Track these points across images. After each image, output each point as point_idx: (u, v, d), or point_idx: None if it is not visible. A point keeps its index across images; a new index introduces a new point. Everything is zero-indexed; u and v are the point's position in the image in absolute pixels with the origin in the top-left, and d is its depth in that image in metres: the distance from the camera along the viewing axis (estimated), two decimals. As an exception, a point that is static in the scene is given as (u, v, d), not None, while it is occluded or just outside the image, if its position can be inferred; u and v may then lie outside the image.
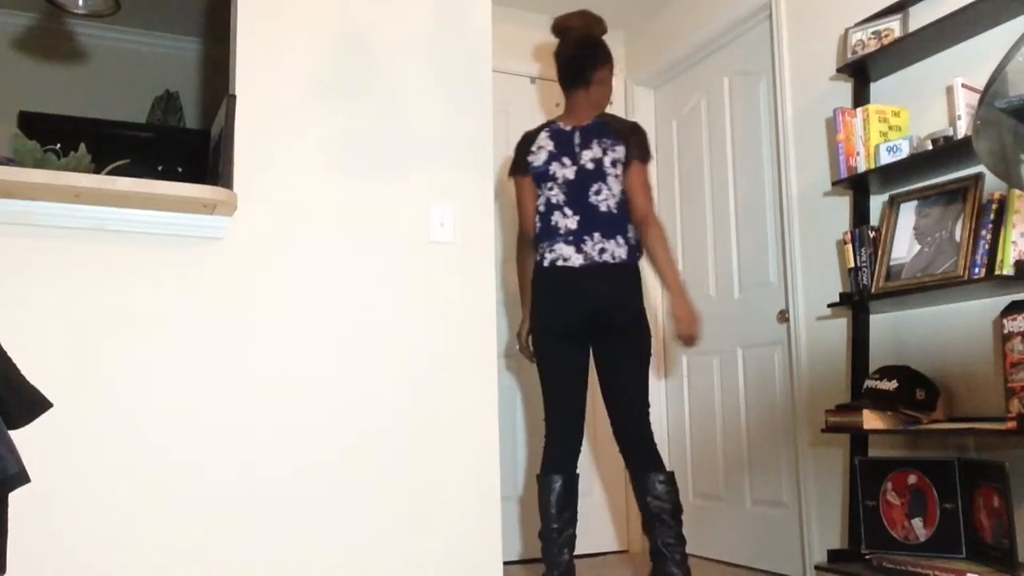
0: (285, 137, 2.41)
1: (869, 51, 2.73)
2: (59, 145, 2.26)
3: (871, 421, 2.46)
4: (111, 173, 2.29)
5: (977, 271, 2.32)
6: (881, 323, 2.77)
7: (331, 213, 2.44)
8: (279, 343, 2.32)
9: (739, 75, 3.56)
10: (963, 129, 2.39)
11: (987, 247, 2.31)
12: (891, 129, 2.65)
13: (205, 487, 2.19)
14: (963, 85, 2.42)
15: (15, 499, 1.46)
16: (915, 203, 2.60)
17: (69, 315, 2.12)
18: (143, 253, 2.21)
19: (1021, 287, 2.31)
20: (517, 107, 3.93)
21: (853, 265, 2.67)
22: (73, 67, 4.20)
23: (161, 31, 4.32)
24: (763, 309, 3.36)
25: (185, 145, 3.78)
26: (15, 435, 1.38)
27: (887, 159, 2.57)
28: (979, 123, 1.48)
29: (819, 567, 2.64)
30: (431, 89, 2.62)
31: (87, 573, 2.05)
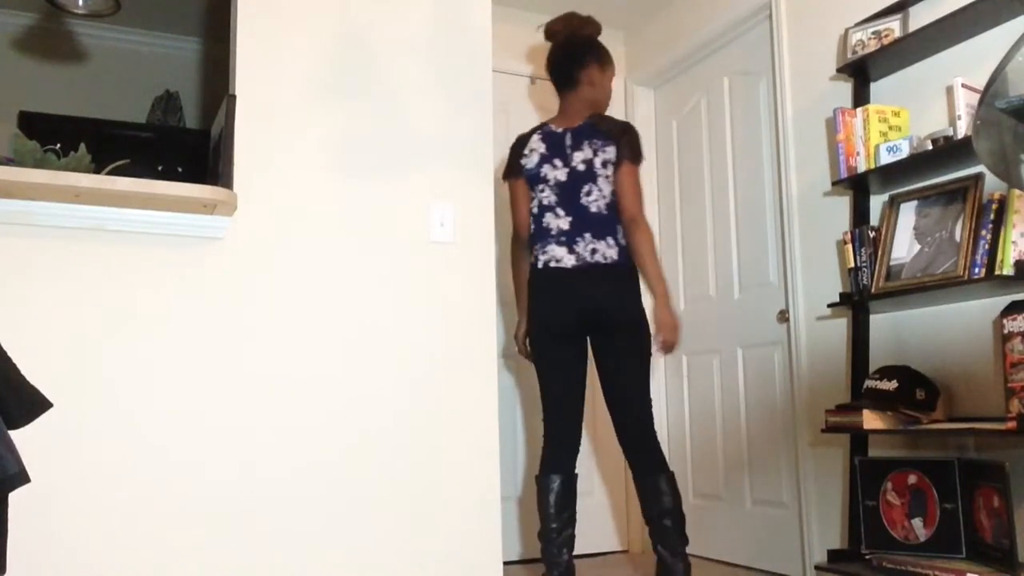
0: (285, 137, 2.41)
1: (869, 51, 2.73)
2: (59, 145, 2.26)
3: (871, 421, 2.46)
4: (111, 173, 2.29)
5: (977, 271, 2.32)
6: (881, 323, 2.77)
7: (331, 213, 2.44)
8: (279, 343, 2.32)
9: (739, 75, 3.56)
10: (963, 129, 2.39)
11: (987, 247, 2.32)
12: (891, 129, 2.66)
13: (205, 487, 2.19)
14: (963, 85, 2.42)
15: (15, 499, 1.46)
16: (915, 203, 2.60)
17: (69, 315, 2.12)
18: (143, 253, 2.21)
19: (1021, 287, 2.31)
20: (517, 107, 3.93)
21: (853, 265, 2.67)
22: (73, 67, 4.20)
23: (161, 31, 4.32)
24: (763, 309, 3.36)
25: (185, 145, 3.78)
26: (15, 435, 1.38)
27: (887, 159, 2.57)
28: (979, 123, 1.48)
29: (819, 567, 2.64)
30: (431, 89, 2.62)
31: (87, 573, 2.05)
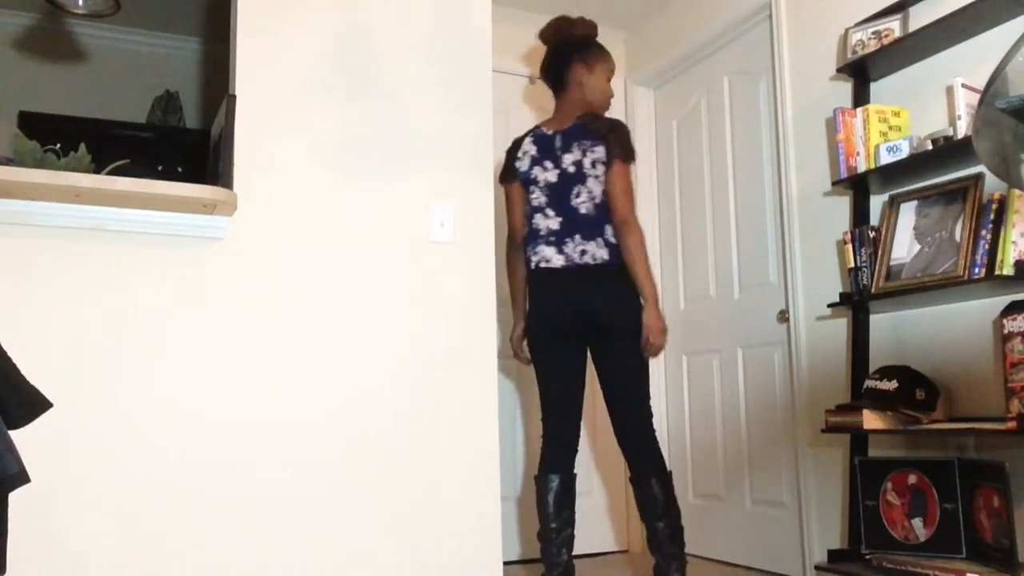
0: (285, 137, 2.41)
1: (869, 51, 2.73)
2: (59, 145, 2.26)
3: (871, 421, 2.46)
4: (111, 173, 2.29)
5: (977, 271, 2.32)
6: (881, 323, 2.77)
7: (331, 213, 2.44)
8: (279, 343, 2.32)
9: (739, 75, 3.56)
10: (963, 129, 2.39)
11: (987, 247, 2.31)
12: (891, 129, 2.65)
13: (205, 487, 2.19)
14: (963, 85, 2.42)
15: (15, 499, 1.46)
16: (915, 203, 2.60)
17: (69, 315, 2.12)
18: (143, 253, 2.21)
19: (1021, 287, 2.31)
20: (517, 107, 3.93)
21: (853, 265, 2.67)
22: (73, 67, 4.20)
23: (161, 31, 4.32)
24: (763, 309, 3.36)
25: (185, 145, 3.78)
26: (15, 435, 1.38)
27: (887, 159, 2.57)
28: (979, 123, 1.48)
29: (819, 567, 2.64)
30: (431, 89, 2.62)
31: (87, 573, 2.05)
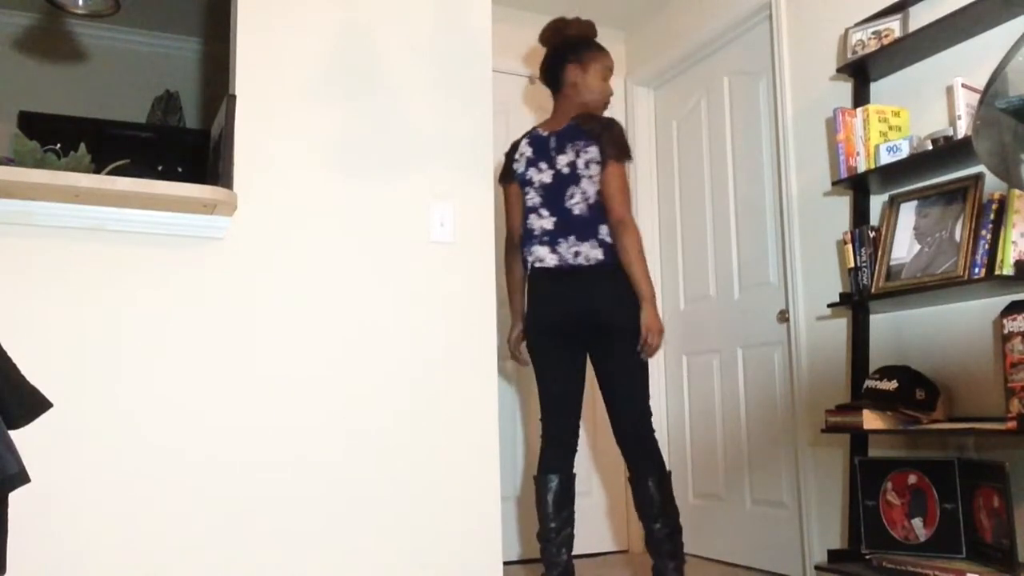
0: (285, 137, 2.41)
1: (869, 51, 2.73)
2: (59, 145, 2.26)
3: (871, 421, 2.46)
4: (111, 173, 2.29)
5: (977, 271, 2.32)
6: (881, 323, 2.77)
7: (331, 213, 2.44)
8: (279, 343, 2.32)
9: (739, 75, 3.56)
10: (963, 129, 2.39)
11: (987, 247, 2.31)
12: (891, 129, 2.65)
13: (205, 487, 2.19)
14: (963, 85, 2.42)
15: (15, 499, 1.46)
16: (915, 203, 2.60)
17: (69, 315, 2.11)
18: (143, 253, 2.21)
19: (1021, 287, 2.31)
20: (517, 107, 3.94)
21: (853, 265, 2.67)
22: (73, 67, 4.20)
23: (161, 31, 4.32)
24: (763, 309, 3.36)
25: (185, 145, 3.78)
26: (15, 435, 1.39)
27: (887, 159, 2.57)
28: (979, 123, 1.48)
29: (819, 567, 2.64)
30: (431, 89, 2.62)
31: (87, 573, 2.05)
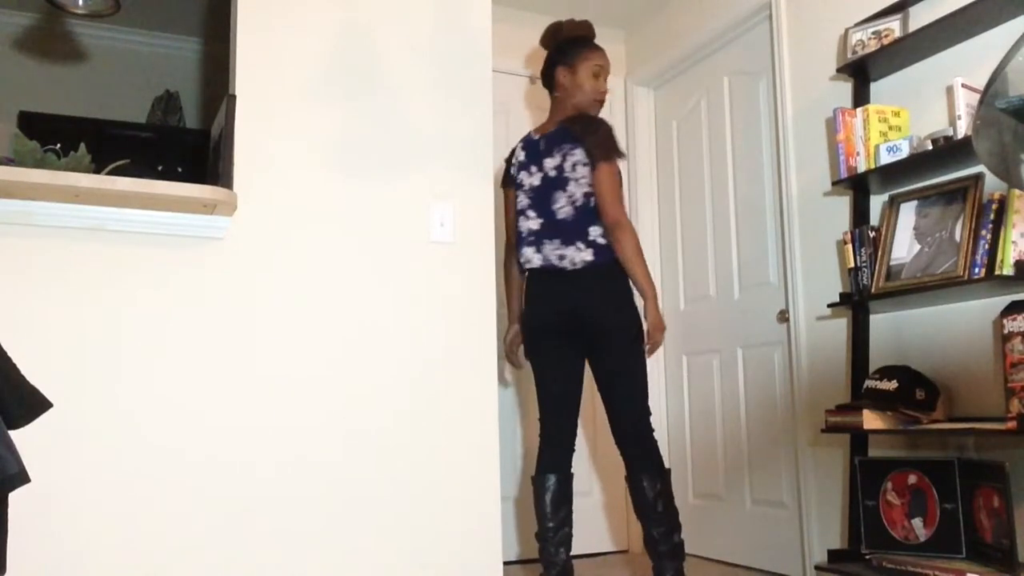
0: (285, 137, 2.41)
1: (869, 51, 2.73)
2: (59, 145, 2.26)
3: (871, 421, 2.46)
4: (111, 173, 2.29)
5: (977, 271, 2.32)
6: (881, 323, 2.77)
7: (331, 213, 2.44)
8: (279, 343, 2.32)
9: (739, 75, 3.56)
10: (963, 129, 2.39)
11: (987, 247, 2.31)
12: (891, 129, 2.65)
13: (205, 487, 2.19)
14: (963, 85, 2.42)
15: (15, 499, 1.46)
16: (915, 203, 2.60)
17: (69, 315, 2.11)
18: (143, 253, 2.21)
19: (1021, 287, 2.31)
20: (517, 107, 3.94)
21: (853, 265, 2.67)
22: (73, 67, 4.20)
23: (161, 31, 4.32)
24: (763, 309, 3.36)
25: (185, 145, 3.78)
26: (15, 435, 1.39)
27: (887, 159, 2.57)
28: (979, 123, 1.48)
29: (819, 567, 2.64)
30: (431, 89, 2.62)
31: (87, 573, 2.05)
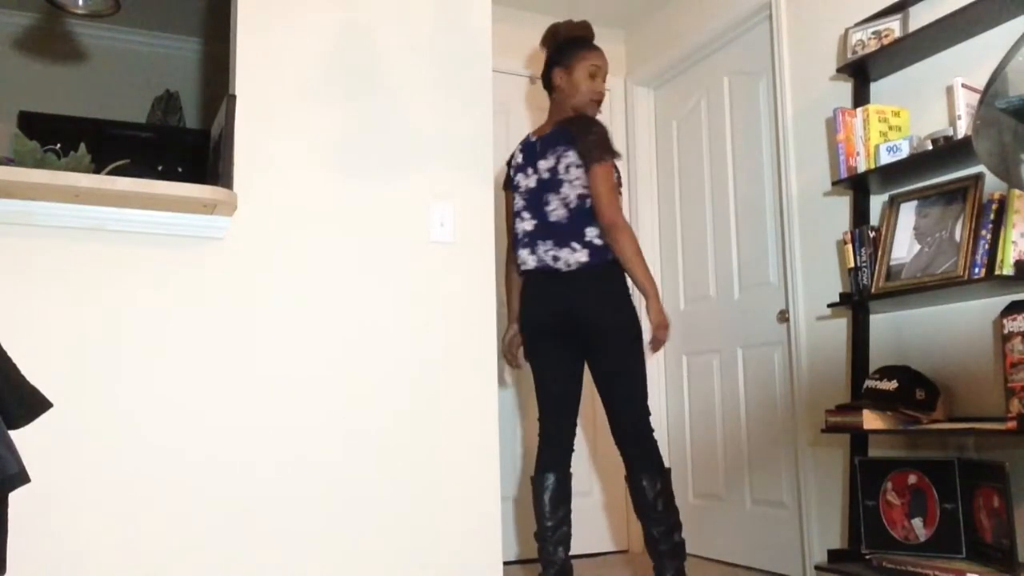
0: (285, 137, 2.41)
1: (869, 51, 2.73)
2: (59, 145, 2.26)
3: (871, 421, 2.46)
4: (111, 173, 2.29)
5: (977, 271, 2.32)
6: (881, 323, 2.77)
7: (331, 213, 2.44)
8: (279, 343, 2.32)
9: (739, 75, 3.56)
10: (963, 129, 2.39)
11: (987, 247, 2.32)
12: (891, 129, 2.65)
13: (205, 487, 2.19)
14: (963, 85, 2.42)
15: (15, 499, 1.46)
16: (915, 203, 2.60)
17: (69, 315, 2.11)
18: (143, 253, 2.21)
19: (1021, 287, 2.31)
20: (517, 107, 3.94)
21: (853, 265, 2.67)
22: (73, 67, 4.20)
23: (161, 31, 4.32)
24: (763, 309, 3.36)
25: (185, 145, 3.78)
26: (15, 435, 1.39)
27: (887, 159, 2.57)
28: (979, 123, 1.48)
29: (819, 567, 2.64)
30: (431, 89, 2.62)
31: (87, 573, 2.05)
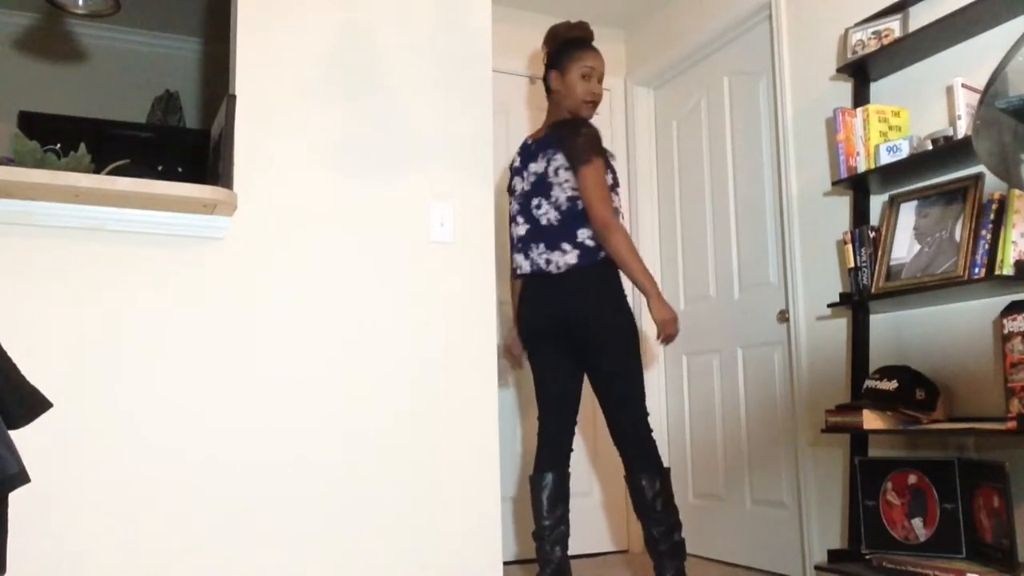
0: (285, 137, 2.41)
1: (869, 51, 2.73)
2: (59, 145, 2.26)
3: (871, 421, 2.46)
4: (111, 173, 2.29)
5: (977, 271, 2.32)
6: (881, 323, 2.77)
7: (331, 213, 2.44)
8: (279, 343, 2.32)
9: (739, 75, 3.56)
10: (963, 129, 2.39)
11: (987, 247, 2.32)
12: (891, 129, 2.65)
13: (205, 487, 2.19)
14: (963, 85, 2.42)
15: (15, 499, 1.46)
16: (915, 203, 2.60)
17: (69, 315, 2.11)
18: (143, 253, 2.21)
19: (1021, 287, 2.31)
20: (517, 107, 3.94)
21: (853, 265, 2.67)
22: (73, 67, 4.20)
23: (161, 31, 4.32)
24: (763, 309, 3.36)
25: (185, 145, 3.78)
26: (15, 435, 1.39)
27: (887, 159, 2.57)
28: (979, 123, 1.48)
29: (819, 567, 2.64)
30: (431, 89, 2.61)
31: (87, 573, 2.05)
